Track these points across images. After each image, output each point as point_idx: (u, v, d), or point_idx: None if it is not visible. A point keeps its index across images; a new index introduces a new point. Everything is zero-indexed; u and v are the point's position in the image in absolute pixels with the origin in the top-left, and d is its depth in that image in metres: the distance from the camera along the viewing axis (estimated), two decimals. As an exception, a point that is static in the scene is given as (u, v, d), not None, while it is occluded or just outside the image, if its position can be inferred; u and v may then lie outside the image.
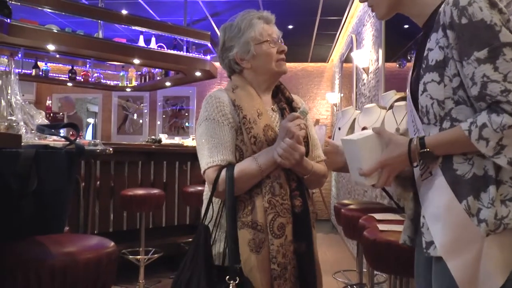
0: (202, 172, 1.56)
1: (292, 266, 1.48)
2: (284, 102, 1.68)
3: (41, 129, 1.95)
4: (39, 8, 4.24)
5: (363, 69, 4.89)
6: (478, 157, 1.07)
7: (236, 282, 1.37)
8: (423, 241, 1.16)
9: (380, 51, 4.11)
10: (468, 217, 1.05)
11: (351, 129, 3.37)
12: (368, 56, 4.76)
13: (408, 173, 1.31)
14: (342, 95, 7.15)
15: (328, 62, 8.76)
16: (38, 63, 6.08)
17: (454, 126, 1.10)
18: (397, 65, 4.01)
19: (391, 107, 2.72)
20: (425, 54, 1.17)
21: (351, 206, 2.90)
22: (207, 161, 1.52)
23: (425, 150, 1.12)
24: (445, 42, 1.10)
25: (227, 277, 1.38)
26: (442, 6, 1.13)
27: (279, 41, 1.64)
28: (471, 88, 1.05)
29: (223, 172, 1.49)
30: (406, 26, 4.05)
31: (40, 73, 6.10)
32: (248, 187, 1.50)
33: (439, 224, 1.11)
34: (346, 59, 6.57)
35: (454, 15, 1.06)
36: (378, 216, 2.27)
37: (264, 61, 1.59)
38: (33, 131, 2.66)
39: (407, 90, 1.31)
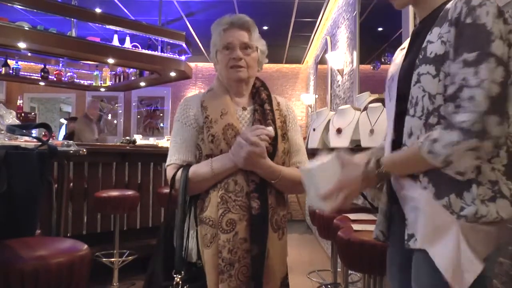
0: None
1: (242, 264, 1.46)
2: (258, 104, 1.68)
3: (12, 129, 1.90)
4: (8, 4, 4.12)
5: (338, 70, 4.94)
6: None
7: (180, 276, 1.42)
8: (406, 233, 1.16)
9: (355, 53, 4.16)
10: (447, 211, 1.06)
11: (326, 130, 3.40)
12: (343, 58, 4.81)
13: None
14: (317, 96, 7.21)
15: (303, 64, 8.82)
16: (8, 61, 5.89)
17: (440, 123, 1.10)
18: (371, 67, 4.06)
19: (365, 108, 2.75)
20: (423, 46, 1.16)
21: (326, 207, 2.91)
22: (168, 159, 1.63)
23: (381, 170, 1.14)
24: (449, 37, 1.10)
25: (173, 271, 1.44)
26: (452, 2, 1.14)
27: (244, 46, 1.62)
28: (449, 86, 1.07)
29: (179, 172, 1.56)
30: (380, 29, 4.11)
31: (11, 71, 5.93)
32: (202, 188, 1.55)
33: (419, 217, 1.12)
34: (321, 60, 6.62)
35: (463, 12, 1.06)
36: (352, 216, 2.29)
37: (221, 68, 1.66)
38: (3, 132, 2.59)
39: (393, 81, 1.29)
